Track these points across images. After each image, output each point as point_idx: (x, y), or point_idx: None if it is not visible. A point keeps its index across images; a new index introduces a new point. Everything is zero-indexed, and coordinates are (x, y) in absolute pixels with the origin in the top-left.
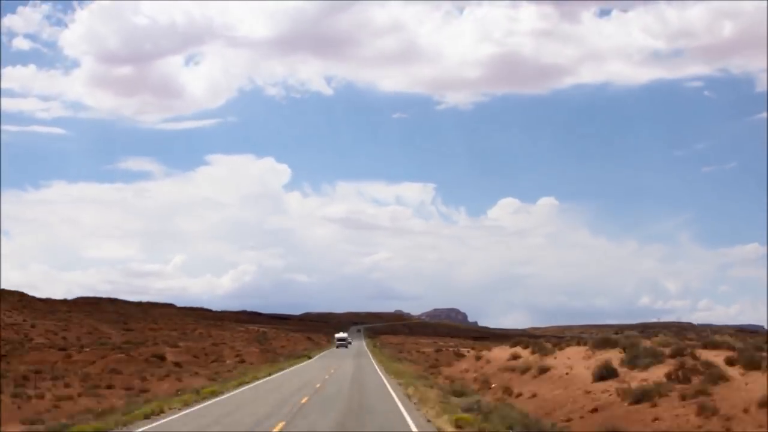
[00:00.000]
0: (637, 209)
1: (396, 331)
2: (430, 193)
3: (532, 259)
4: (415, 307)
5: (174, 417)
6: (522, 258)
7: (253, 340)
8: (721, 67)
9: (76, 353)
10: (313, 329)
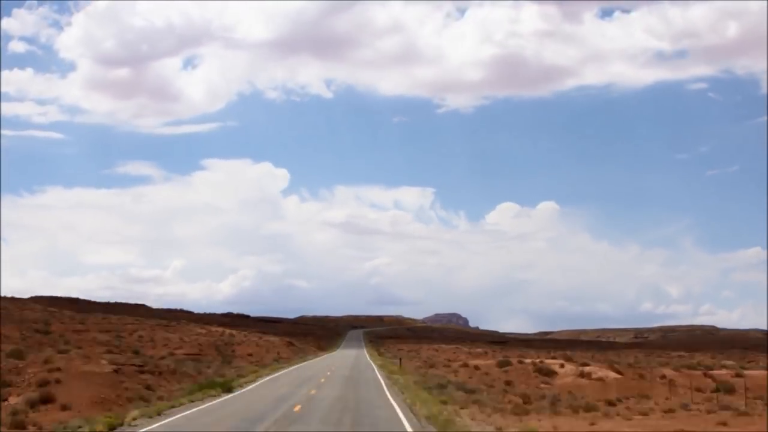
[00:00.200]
0: (639, 213)
1: (399, 335)
2: (428, 197)
3: (533, 264)
4: (416, 312)
5: None
6: (523, 263)
7: (210, 345)
8: (726, 68)
9: None
10: (305, 333)
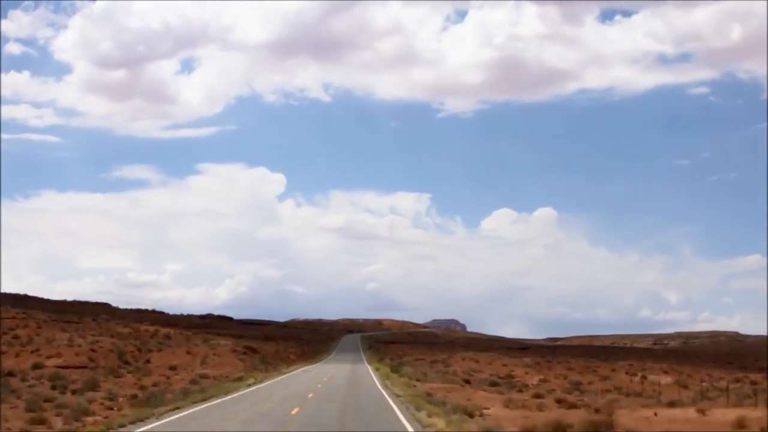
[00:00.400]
0: (638, 220)
1: (401, 341)
2: (425, 203)
3: (531, 270)
4: (414, 317)
5: None
6: (521, 269)
7: (110, 352)
8: (729, 71)
9: None
10: (287, 338)
